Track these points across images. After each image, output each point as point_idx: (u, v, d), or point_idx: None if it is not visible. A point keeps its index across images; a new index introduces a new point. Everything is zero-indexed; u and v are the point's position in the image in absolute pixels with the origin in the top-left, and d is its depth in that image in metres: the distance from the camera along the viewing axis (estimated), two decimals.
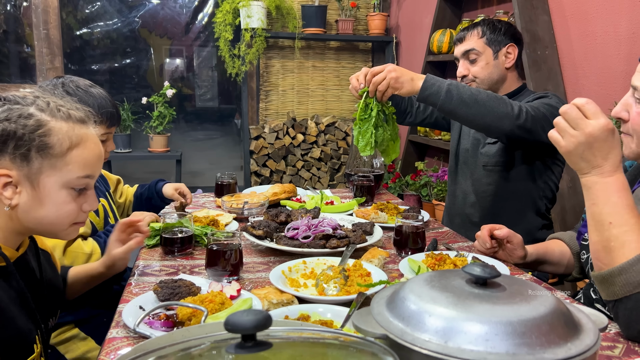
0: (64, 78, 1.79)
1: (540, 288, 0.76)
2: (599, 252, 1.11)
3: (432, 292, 0.74)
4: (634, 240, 1.06)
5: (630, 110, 1.23)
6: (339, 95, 4.70)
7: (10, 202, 1.07)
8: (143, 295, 1.25)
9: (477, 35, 2.10)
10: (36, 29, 4.14)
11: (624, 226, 1.07)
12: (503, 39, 2.08)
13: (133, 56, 4.64)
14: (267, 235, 1.67)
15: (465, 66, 2.13)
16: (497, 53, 2.09)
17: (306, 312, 1.16)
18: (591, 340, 0.69)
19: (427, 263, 1.46)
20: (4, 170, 1.05)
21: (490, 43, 2.09)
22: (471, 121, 1.81)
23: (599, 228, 1.11)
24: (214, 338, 0.63)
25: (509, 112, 1.76)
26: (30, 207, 1.09)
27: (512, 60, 2.10)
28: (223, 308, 1.15)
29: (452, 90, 1.76)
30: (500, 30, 2.09)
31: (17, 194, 1.08)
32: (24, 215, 1.10)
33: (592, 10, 2.47)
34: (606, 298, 1.09)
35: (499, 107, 1.76)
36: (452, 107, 1.77)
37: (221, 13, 4.07)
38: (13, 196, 1.07)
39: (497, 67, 2.10)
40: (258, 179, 4.35)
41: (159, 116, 4.18)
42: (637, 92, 1.20)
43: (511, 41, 2.09)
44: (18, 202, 1.08)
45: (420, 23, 4.08)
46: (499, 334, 0.66)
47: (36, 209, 1.10)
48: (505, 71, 2.11)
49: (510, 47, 2.09)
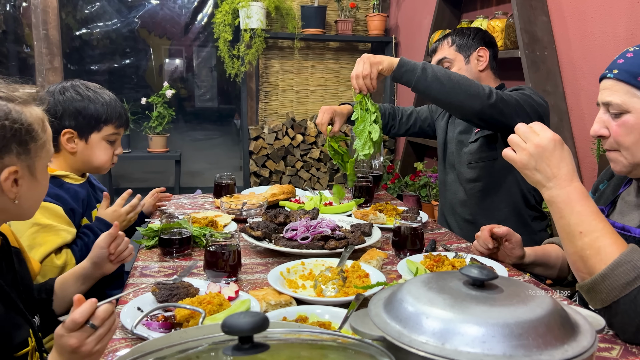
0: (74, 81, 1.81)
1: (538, 290, 0.76)
2: (577, 263, 1.13)
3: (429, 293, 0.74)
4: (607, 245, 1.08)
5: (609, 126, 1.26)
6: (339, 95, 4.70)
7: (17, 195, 1.11)
8: (141, 297, 1.26)
9: (448, 44, 2.21)
10: (35, 29, 4.14)
11: (594, 232, 1.10)
12: (473, 44, 2.19)
13: (132, 56, 4.64)
14: (266, 236, 1.67)
15: None
16: (469, 57, 2.18)
17: (304, 313, 1.16)
18: (588, 341, 0.69)
19: (426, 264, 1.46)
20: (13, 167, 1.08)
21: (460, 49, 2.19)
22: (444, 100, 1.87)
23: (571, 239, 1.13)
24: (212, 340, 0.63)
25: (480, 92, 1.82)
26: (29, 194, 1.14)
27: (484, 63, 2.19)
28: (221, 309, 1.16)
29: (427, 68, 1.84)
30: (469, 36, 2.20)
31: (20, 185, 1.11)
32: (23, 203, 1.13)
33: (590, 11, 2.47)
34: (596, 307, 1.10)
35: (470, 87, 1.83)
36: (426, 84, 1.83)
37: (220, 13, 4.07)
38: (18, 189, 1.11)
39: (470, 71, 2.18)
40: (257, 179, 4.35)
41: (158, 116, 4.18)
42: (611, 106, 1.24)
43: (481, 45, 2.19)
44: (20, 192, 1.11)
45: (420, 24, 4.09)
46: (495, 335, 0.66)
47: (33, 193, 1.15)
48: (479, 74, 2.19)
49: (481, 50, 2.19)
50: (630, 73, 1.21)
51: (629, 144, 1.23)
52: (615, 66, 1.25)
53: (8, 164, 1.08)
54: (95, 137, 1.79)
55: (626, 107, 1.21)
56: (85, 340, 0.95)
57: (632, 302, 1.03)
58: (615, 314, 1.06)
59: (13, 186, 1.09)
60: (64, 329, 0.95)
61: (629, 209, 1.32)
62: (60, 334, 0.95)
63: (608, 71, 1.26)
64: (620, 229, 1.28)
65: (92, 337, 0.96)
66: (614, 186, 1.44)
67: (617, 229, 1.29)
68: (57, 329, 0.96)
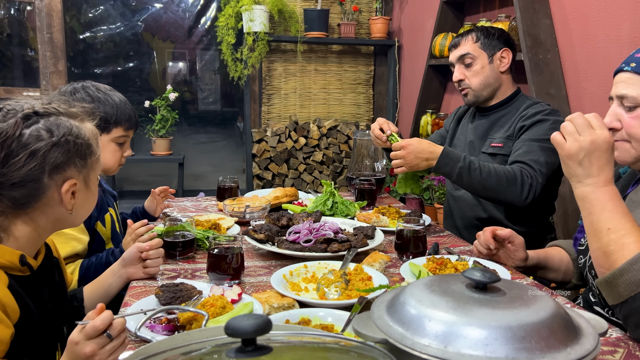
0: (85, 82, 1.81)
1: (540, 292, 0.76)
2: (599, 259, 1.13)
3: (432, 296, 0.74)
4: (632, 242, 1.09)
5: (621, 119, 1.27)
6: (341, 98, 4.70)
7: (73, 205, 1.15)
8: (144, 299, 1.26)
9: (472, 40, 2.16)
10: (40, 32, 4.15)
11: (621, 230, 1.10)
12: (497, 44, 2.14)
13: (136, 60, 4.66)
14: (269, 239, 1.67)
15: (461, 71, 2.17)
16: (492, 57, 2.14)
17: (307, 316, 1.16)
18: (591, 344, 0.69)
19: (428, 267, 1.46)
20: (73, 180, 1.12)
21: (485, 47, 2.14)
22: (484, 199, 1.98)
23: (597, 235, 1.13)
24: (215, 342, 0.63)
25: (517, 197, 1.87)
26: (83, 203, 1.19)
27: (506, 65, 2.15)
28: (224, 312, 1.16)
29: (463, 174, 1.87)
30: (494, 35, 2.15)
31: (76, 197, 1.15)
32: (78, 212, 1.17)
33: (593, 14, 2.47)
34: (612, 302, 1.10)
35: (507, 193, 1.87)
36: (463, 187, 1.94)
37: (224, 17, 4.08)
38: (74, 200, 1.15)
39: (493, 70, 2.14)
40: (260, 182, 4.36)
41: (161, 119, 4.19)
42: (626, 99, 1.24)
43: (505, 46, 2.15)
44: (75, 203, 1.15)
45: (423, 27, 4.09)
46: (498, 338, 0.66)
47: (86, 203, 1.20)
48: (500, 75, 2.16)
49: (505, 52, 2.15)
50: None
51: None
52: (632, 60, 1.26)
53: (69, 176, 1.12)
54: (104, 139, 1.78)
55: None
56: (100, 350, 0.95)
57: None
58: (631, 309, 1.06)
59: (71, 198, 1.13)
60: (82, 335, 0.95)
61: (636, 209, 1.32)
62: (76, 341, 0.95)
63: (625, 64, 1.27)
64: None
65: (107, 347, 0.96)
66: (621, 187, 1.44)
67: None
68: (73, 336, 0.96)
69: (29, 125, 1.07)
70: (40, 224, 1.13)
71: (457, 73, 2.19)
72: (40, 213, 1.11)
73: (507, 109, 2.17)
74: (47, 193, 1.10)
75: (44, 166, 1.07)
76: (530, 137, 1.97)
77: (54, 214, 1.13)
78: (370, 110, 4.78)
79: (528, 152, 1.92)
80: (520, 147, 1.97)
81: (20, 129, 1.06)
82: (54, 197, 1.11)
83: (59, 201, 1.12)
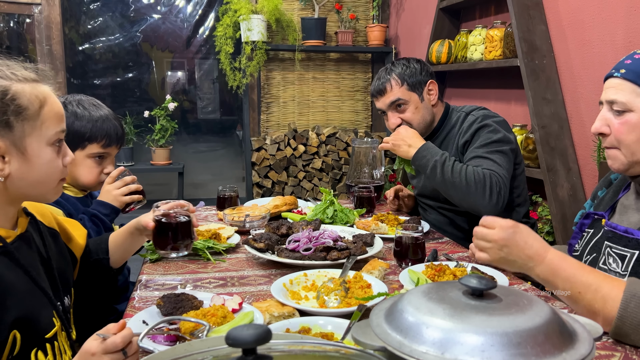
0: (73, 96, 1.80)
1: (536, 299, 0.77)
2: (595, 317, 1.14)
3: (429, 303, 0.75)
4: (608, 290, 1.11)
5: (610, 124, 1.29)
6: (340, 106, 4.72)
7: (3, 173, 1.10)
8: (146, 310, 1.27)
9: (397, 84, 2.12)
10: (39, 44, 4.18)
11: (591, 286, 1.14)
12: (422, 79, 2.13)
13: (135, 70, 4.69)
14: (269, 247, 1.68)
15: (396, 116, 2.15)
16: (422, 95, 2.14)
17: (307, 324, 1.17)
18: (586, 349, 0.70)
19: (427, 274, 1.47)
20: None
21: (413, 88, 2.12)
22: (452, 200, 1.94)
23: (575, 301, 1.17)
24: (216, 352, 0.64)
25: (486, 204, 1.83)
26: (22, 173, 1.11)
27: (435, 95, 2.16)
28: (225, 322, 1.17)
29: (437, 169, 1.88)
30: (416, 71, 2.13)
31: (7, 163, 1.10)
32: (17, 183, 1.12)
33: (588, 20, 2.49)
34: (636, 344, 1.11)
35: (476, 198, 1.84)
36: (435, 183, 1.94)
37: (222, 27, 4.10)
38: (4, 166, 1.10)
39: (426, 107, 2.15)
40: (260, 190, 4.37)
41: (161, 129, 4.21)
42: (615, 104, 1.27)
43: (429, 78, 2.15)
44: (10, 171, 1.10)
45: (419, 34, 4.11)
46: (494, 344, 0.67)
47: (28, 173, 1.12)
48: (432, 108, 2.17)
49: (431, 84, 2.15)
50: (637, 73, 1.25)
51: (629, 142, 1.26)
52: (622, 66, 1.28)
53: None
54: (79, 155, 1.76)
55: (630, 106, 1.25)
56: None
57: None
58: None
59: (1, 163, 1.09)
60: (100, 347, 0.95)
61: (628, 213, 1.33)
62: (93, 352, 0.95)
63: (615, 70, 1.30)
64: (623, 232, 1.30)
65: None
66: (612, 192, 1.46)
67: (620, 231, 1.31)
68: (91, 346, 0.96)
69: None
70: None
71: (392, 119, 2.15)
72: None
73: (445, 129, 2.19)
74: None
75: None
76: (476, 147, 1.98)
77: None
78: (369, 117, 4.80)
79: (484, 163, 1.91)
80: (470, 159, 1.96)
81: None
82: None
83: None
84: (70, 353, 1.21)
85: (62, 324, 1.19)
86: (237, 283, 1.52)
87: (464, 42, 3.24)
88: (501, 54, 2.88)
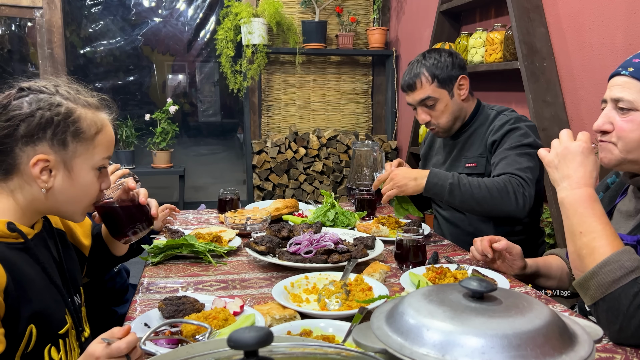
0: None
1: (536, 301, 0.77)
2: (575, 262, 1.19)
3: (429, 306, 0.75)
4: (602, 245, 1.13)
5: (614, 122, 1.29)
6: (340, 109, 4.73)
7: (47, 185, 1.16)
8: (148, 313, 1.27)
9: (428, 82, 2.07)
10: (40, 48, 4.19)
11: (592, 233, 1.16)
12: (453, 75, 2.08)
13: (136, 73, 4.70)
14: (270, 250, 1.68)
15: (426, 112, 2.12)
16: (452, 91, 2.09)
17: (308, 327, 1.17)
18: (586, 351, 0.70)
19: (428, 276, 1.47)
20: (43, 155, 1.14)
21: (443, 85, 2.07)
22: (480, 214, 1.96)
23: (572, 238, 1.20)
24: (218, 355, 0.64)
25: (514, 207, 1.84)
26: (63, 189, 1.19)
27: (466, 90, 2.11)
28: (227, 324, 1.17)
29: (455, 191, 1.87)
30: (447, 67, 2.07)
31: (53, 177, 1.16)
32: (57, 196, 1.19)
33: (588, 22, 2.50)
34: (588, 304, 1.14)
35: (502, 204, 1.84)
36: (456, 205, 1.93)
37: (222, 30, 4.12)
38: (49, 180, 1.16)
39: (456, 104, 2.11)
40: (261, 192, 4.38)
41: (161, 132, 4.22)
42: (621, 102, 1.26)
43: (460, 73, 2.10)
44: (53, 185, 1.17)
45: (420, 36, 4.12)
46: (494, 346, 0.67)
47: (68, 190, 1.20)
48: (463, 103, 2.12)
49: (462, 79, 2.10)
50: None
51: (629, 140, 1.26)
52: (630, 64, 1.28)
53: (41, 151, 1.14)
54: None
55: (637, 105, 1.25)
56: None
57: (616, 299, 1.08)
58: (602, 311, 1.10)
59: (46, 177, 1.15)
60: (105, 352, 0.95)
61: (624, 219, 1.34)
62: (96, 356, 0.96)
63: (622, 68, 1.29)
64: None
65: None
66: (609, 198, 1.46)
67: None
68: (95, 349, 0.97)
69: (18, 97, 1.15)
70: (18, 200, 1.16)
71: (422, 115, 2.12)
72: (18, 187, 1.16)
73: (474, 125, 2.17)
74: (20, 166, 1.14)
75: (15, 134, 1.12)
76: (505, 148, 1.97)
77: (31, 192, 1.16)
78: (369, 120, 4.81)
79: (509, 164, 1.91)
80: (499, 160, 1.96)
81: (10, 99, 1.15)
82: (26, 171, 1.14)
83: (33, 178, 1.15)
84: (78, 351, 1.24)
85: (72, 321, 1.23)
86: (239, 286, 1.52)
87: (465, 45, 3.25)
88: (501, 56, 2.89)
